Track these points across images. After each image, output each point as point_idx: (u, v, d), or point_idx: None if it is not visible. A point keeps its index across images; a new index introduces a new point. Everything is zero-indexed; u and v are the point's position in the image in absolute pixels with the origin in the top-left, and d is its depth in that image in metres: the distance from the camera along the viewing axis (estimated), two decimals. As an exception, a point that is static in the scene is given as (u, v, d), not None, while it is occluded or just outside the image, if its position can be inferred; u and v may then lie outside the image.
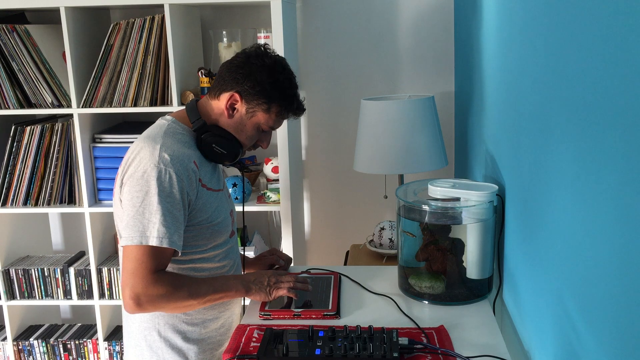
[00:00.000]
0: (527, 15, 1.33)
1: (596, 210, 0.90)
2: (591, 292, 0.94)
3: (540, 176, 1.22)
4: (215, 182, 1.59)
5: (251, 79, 1.51)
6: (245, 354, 1.33)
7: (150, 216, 1.41)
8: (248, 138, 1.58)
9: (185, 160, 1.47)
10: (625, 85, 0.77)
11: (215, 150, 1.55)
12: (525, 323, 1.40)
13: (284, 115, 1.57)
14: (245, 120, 1.55)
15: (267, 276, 1.55)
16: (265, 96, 1.52)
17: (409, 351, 1.30)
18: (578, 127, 0.97)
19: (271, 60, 1.54)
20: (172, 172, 1.42)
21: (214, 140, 1.54)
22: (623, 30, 0.77)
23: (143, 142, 1.49)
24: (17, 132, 2.46)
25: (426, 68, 2.67)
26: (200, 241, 1.54)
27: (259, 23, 2.60)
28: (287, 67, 1.57)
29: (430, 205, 1.59)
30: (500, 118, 1.64)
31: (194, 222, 1.51)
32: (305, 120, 2.76)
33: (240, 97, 1.52)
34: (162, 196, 1.41)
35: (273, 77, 1.52)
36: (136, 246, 1.40)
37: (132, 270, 1.40)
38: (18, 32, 2.39)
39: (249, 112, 1.54)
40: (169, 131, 1.52)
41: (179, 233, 1.44)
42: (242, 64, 1.53)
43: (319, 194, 2.84)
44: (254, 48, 1.57)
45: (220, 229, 1.57)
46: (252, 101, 1.52)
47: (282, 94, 1.53)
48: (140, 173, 1.43)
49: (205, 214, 1.52)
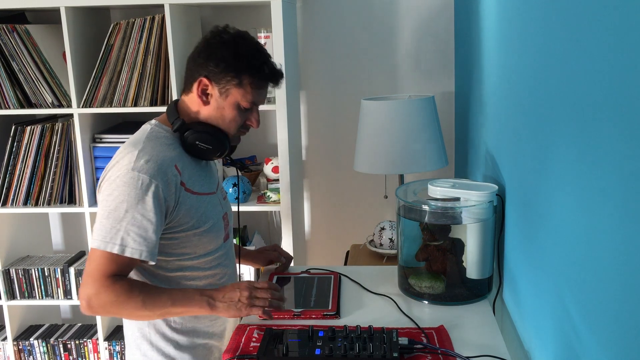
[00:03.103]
0: (527, 15, 1.33)
1: (596, 210, 0.90)
2: (591, 292, 0.94)
3: (540, 176, 1.23)
4: (205, 185, 1.53)
5: (213, 58, 1.45)
6: (245, 354, 1.33)
7: (116, 222, 1.36)
8: (232, 121, 1.50)
9: (165, 164, 1.41)
10: (626, 85, 0.77)
11: (200, 147, 1.49)
12: (525, 323, 1.40)
13: (259, 85, 1.48)
14: (222, 102, 1.48)
15: (240, 290, 1.41)
16: (232, 70, 1.45)
17: (409, 351, 1.30)
18: (578, 127, 0.97)
19: (229, 35, 1.48)
20: (146, 177, 1.37)
21: (197, 137, 1.48)
22: (623, 30, 0.77)
23: (125, 147, 1.46)
24: (17, 132, 2.46)
25: (426, 68, 2.67)
26: (188, 248, 1.48)
27: (259, 23, 2.60)
28: (248, 37, 1.50)
29: (430, 205, 1.59)
30: (500, 118, 1.64)
31: (179, 229, 1.45)
32: (305, 120, 2.76)
33: (209, 79, 1.46)
34: (132, 203, 1.36)
35: (234, 49, 1.45)
36: (98, 249, 1.37)
37: (89, 271, 1.37)
38: (18, 32, 2.40)
39: (222, 92, 1.47)
40: (152, 135, 1.48)
41: (149, 242, 1.37)
42: (202, 48, 1.49)
43: (319, 194, 2.84)
44: (211, 29, 1.51)
45: (210, 234, 1.51)
46: (221, 80, 1.46)
47: (249, 63, 1.45)
48: (113, 177, 1.39)
49: (191, 219, 1.46)
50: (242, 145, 2.78)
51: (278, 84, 1.52)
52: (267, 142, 2.78)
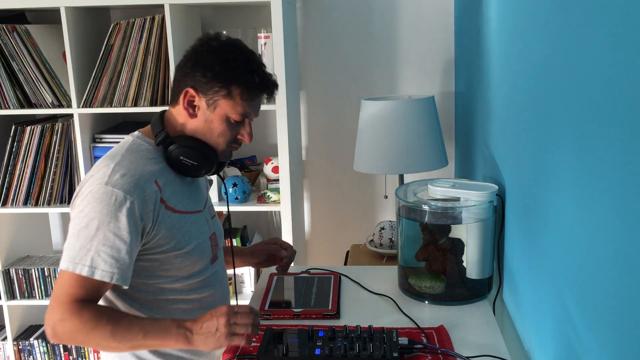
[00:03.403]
0: (527, 15, 1.33)
1: (596, 209, 0.90)
2: (591, 291, 0.94)
3: (540, 176, 1.23)
4: (190, 203, 1.43)
5: (200, 67, 1.35)
6: (245, 354, 1.33)
7: (86, 242, 1.26)
8: (221, 135, 1.39)
9: (143, 179, 1.31)
10: (626, 85, 0.77)
11: (184, 163, 1.38)
12: (525, 323, 1.40)
13: (250, 96, 1.37)
14: (209, 115, 1.37)
15: (217, 318, 1.26)
16: (220, 80, 1.34)
17: (409, 351, 1.30)
18: (578, 127, 0.97)
19: (218, 42, 1.37)
20: (121, 193, 1.27)
21: (181, 152, 1.37)
22: (623, 30, 0.77)
23: (102, 160, 1.37)
24: (17, 132, 2.46)
25: (426, 68, 2.67)
26: (169, 271, 1.38)
27: (259, 23, 2.60)
28: (239, 45, 1.39)
29: (430, 205, 1.59)
30: (500, 118, 1.64)
31: (158, 250, 1.35)
32: (305, 120, 2.76)
33: (195, 90, 1.36)
34: (104, 220, 1.25)
35: (223, 57, 1.35)
36: (67, 271, 1.26)
37: (56, 295, 1.26)
38: (18, 32, 2.40)
39: (210, 104, 1.36)
40: (132, 148, 1.38)
41: (121, 264, 1.26)
42: (189, 56, 1.39)
43: (319, 194, 2.84)
44: (200, 37, 1.41)
45: (194, 256, 1.40)
46: (209, 91, 1.35)
47: (238, 72, 1.35)
48: (85, 192, 1.29)
49: (172, 240, 1.35)
50: (243, 145, 2.78)
51: (272, 95, 1.42)
52: (267, 142, 2.78)
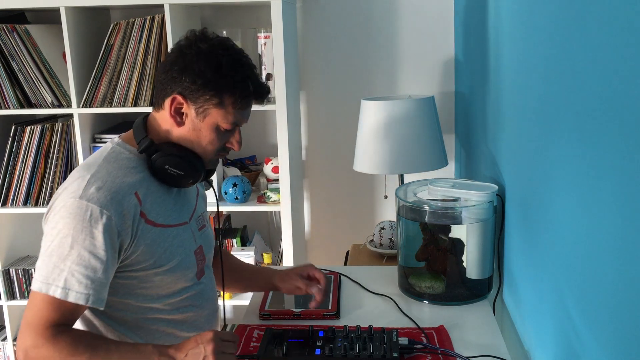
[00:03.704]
0: (527, 15, 1.33)
1: (596, 209, 0.90)
2: (591, 291, 0.94)
3: (540, 176, 1.23)
4: (173, 215, 1.34)
5: (189, 72, 1.24)
6: (245, 354, 1.33)
7: (59, 261, 1.17)
8: (209, 144, 1.31)
9: (121, 192, 1.22)
10: (626, 85, 0.77)
11: (169, 172, 1.29)
12: (525, 323, 1.40)
13: (243, 105, 1.28)
14: (198, 124, 1.28)
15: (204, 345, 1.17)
16: (211, 88, 1.24)
17: (409, 351, 1.30)
18: (578, 127, 0.97)
19: (208, 44, 1.26)
20: (97, 209, 1.18)
21: (166, 160, 1.28)
22: (622, 30, 0.77)
23: (78, 170, 1.27)
24: (17, 132, 2.46)
25: (426, 68, 2.67)
26: (149, 289, 1.30)
27: (259, 23, 2.60)
28: (230, 46, 1.28)
29: (430, 205, 1.59)
30: (500, 118, 1.64)
31: (137, 267, 1.26)
32: (305, 120, 2.76)
33: (184, 97, 1.25)
34: (79, 237, 1.17)
35: (214, 62, 1.24)
36: (39, 292, 1.17)
37: (28, 319, 1.18)
38: (18, 32, 2.39)
39: (200, 112, 1.27)
40: (111, 156, 1.28)
41: (97, 285, 1.18)
42: (175, 58, 1.26)
43: (319, 194, 2.84)
44: (186, 36, 1.29)
45: (176, 273, 1.32)
46: (199, 99, 1.25)
47: (231, 79, 1.25)
48: (59, 207, 1.20)
49: (151, 256, 1.27)
50: (243, 145, 2.78)
51: (263, 101, 1.34)
52: (267, 142, 2.78)
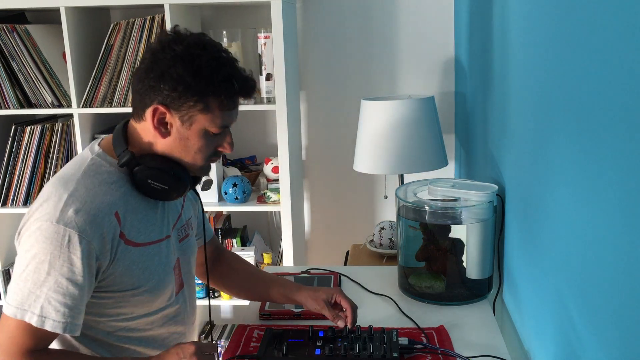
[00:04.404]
0: (527, 15, 1.33)
1: (596, 209, 0.90)
2: (591, 291, 0.94)
3: (540, 176, 1.23)
4: (155, 230, 1.27)
5: (167, 79, 1.14)
6: (245, 354, 1.33)
7: (35, 287, 1.11)
8: (199, 152, 1.22)
9: (101, 214, 1.15)
10: (625, 85, 0.77)
11: (153, 187, 1.22)
12: (525, 323, 1.40)
13: (230, 105, 1.20)
14: (185, 132, 1.19)
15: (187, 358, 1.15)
16: (193, 94, 1.15)
17: (409, 351, 1.30)
18: (578, 127, 0.97)
19: (183, 45, 1.16)
20: (74, 234, 1.11)
21: (149, 174, 1.20)
22: (622, 30, 0.77)
23: (54, 184, 1.19)
24: (17, 132, 2.46)
25: (426, 68, 2.67)
26: (125, 308, 1.24)
27: (259, 23, 2.60)
28: (207, 44, 1.18)
29: (430, 205, 1.59)
30: (500, 118, 1.64)
31: (114, 288, 1.20)
32: (305, 120, 2.76)
33: (166, 107, 1.17)
34: (56, 264, 1.11)
35: (192, 65, 1.14)
36: (14, 318, 1.12)
37: (1, 344, 1.13)
38: (18, 32, 2.39)
39: (185, 120, 1.18)
40: (90, 170, 1.20)
41: (74, 312, 1.13)
42: (150, 64, 1.17)
43: (319, 194, 2.84)
44: (158, 38, 1.19)
45: (154, 293, 1.25)
46: (182, 106, 1.16)
47: (213, 81, 1.16)
48: (34, 228, 1.14)
49: (129, 277, 1.21)
50: (242, 146, 2.78)
51: (251, 96, 1.23)
52: (267, 142, 2.78)
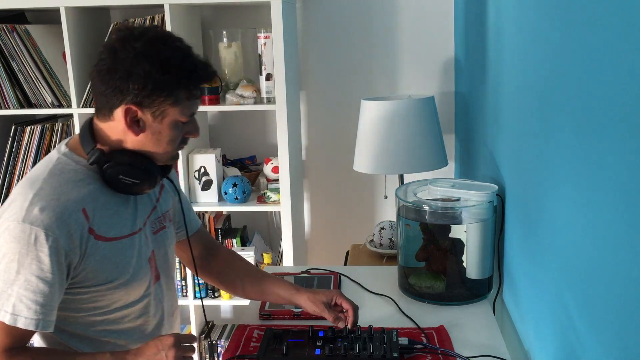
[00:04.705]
0: (527, 15, 1.33)
1: (596, 209, 0.90)
2: (591, 291, 0.94)
3: (540, 176, 1.23)
4: (127, 224, 1.28)
5: (134, 78, 1.15)
6: (245, 354, 1.33)
7: (6, 286, 1.13)
8: (171, 142, 1.25)
9: (67, 211, 1.16)
10: (625, 85, 0.77)
11: (124, 182, 1.23)
12: (525, 323, 1.40)
13: (197, 93, 1.23)
14: (157, 126, 1.21)
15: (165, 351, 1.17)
16: (163, 89, 1.17)
17: (409, 351, 1.30)
18: (578, 127, 0.97)
19: (143, 41, 1.16)
20: (41, 232, 1.12)
21: (119, 170, 1.22)
22: (622, 30, 0.77)
23: (21, 186, 1.20)
24: (17, 132, 2.46)
25: (426, 68, 2.67)
26: (101, 302, 1.25)
27: (259, 23, 2.60)
28: (166, 37, 1.20)
29: (430, 205, 1.59)
30: (500, 118, 1.64)
31: (86, 284, 1.21)
32: (305, 120, 2.76)
33: (137, 105, 1.18)
34: (25, 262, 1.12)
35: (158, 60, 1.16)
36: None
37: None
38: (18, 32, 2.39)
39: (157, 115, 1.20)
40: (56, 170, 1.21)
41: (46, 309, 1.15)
42: (112, 65, 1.17)
43: (319, 194, 2.84)
44: (115, 37, 1.20)
45: (129, 286, 1.27)
46: (153, 102, 1.18)
47: (181, 73, 1.17)
48: (2, 230, 1.14)
49: (102, 272, 1.22)
50: (242, 146, 2.78)
51: (213, 80, 1.26)
52: (267, 142, 2.78)
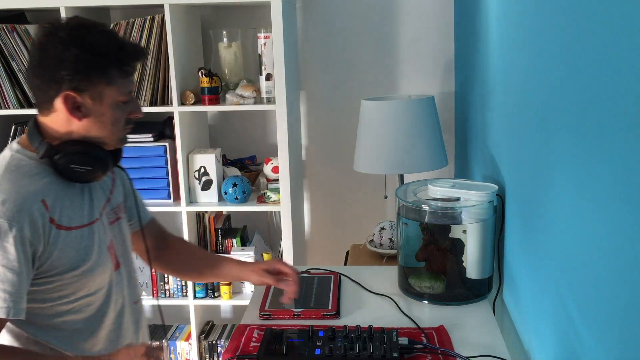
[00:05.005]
0: (527, 15, 1.33)
1: (596, 209, 0.90)
2: (591, 291, 0.94)
3: (540, 176, 1.23)
4: (84, 214, 1.31)
5: (66, 65, 1.20)
6: (245, 354, 1.33)
7: None
8: (115, 123, 1.28)
9: (28, 201, 1.20)
10: (625, 84, 0.77)
11: (77, 170, 1.27)
12: (525, 323, 1.40)
13: (129, 70, 1.28)
14: (99, 108, 1.25)
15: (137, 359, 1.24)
16: (96, 70, 1.22)
17: (409, 351, 1.30)
18: (578, 126, 0.97)
19: (67, 29, 1.22)
20: (4, 222, 1.17)
21: (69, 160, 1.25)
22: (622, 29, 0.77)
23: None
24: (17, 132, 2.46)
25: (426, 68, 2.67)
26: (66, 290, 1.28)
27: (259, 23, 2.60)
28: (89, 23, 1.26)
29: (430, 205, 1.59)
30: (500, 118, 1.64)
31: (52, 272, 1.24)
32: (305, 120, 2.76)
33: (75, 90, 1.22)
34: None
35: (85, 44, 1.21)
36: None
37: None
38: (18, 32, 2.39)
39: (96, 97, 1.24)
40: (11, 166, 1.25)
41: (15, 297, 1.18)
42: (41, 59, 1.23)
43: (319, 194, 2.84)
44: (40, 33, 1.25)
45: (93, 273, 1.30)
46: (89, 85, 1.22)
47: (110, 52, 1.23)
48: None
49: (67, 260, 1.25)
50: (242, 146, 2.78)
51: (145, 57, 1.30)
52: (267, 142, 2.78)
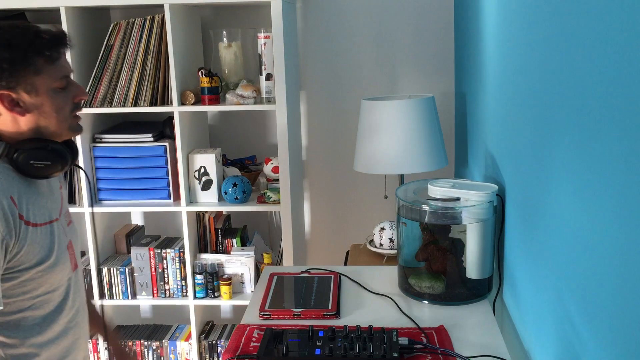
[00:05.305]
0: (527, 15, 1.33)
1: (596, 209, 0.90)
2: (592, 291, 0.94)
3: (540, 176, 1.23)
4: (47, 213, 1.34)
5: None
6: (245, 354, 1.33)
7: None
8: (61, 110, 1.30)
9: None
10: (625, 84, 0.77)
11: (37, 166, 1.29)
12: (525, 323, 1.40)
13: (54, 55, 1.27)
14: (36, 100, 1.27)
15: None
16: (19, 62, 1.23)
17: (409, 351, 1.30)
18: (578, 127, 0.97)
19: None
20: None
21: (29, 156, 1.28)
22: (622, 29, 0.77)
23: None
24: None
25: (426, 68, 2.67)
26: (29, 286, 1.30)
27: (259, 23, 2.60)
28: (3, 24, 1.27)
29: (430, 205, 1.59)
30: (500, 118, 1.64)
31: (19, 268, 1.27)
32: (305, 120, 2.76)
33: (7, 89, 1.24)
34: None
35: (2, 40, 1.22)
36: None
37: None
38: (18, 32, 2.39)
39: (30, 90, 1.26)
40: None
41: None
42: None
43: (319, 194, 2.84)
44: None
45: (55, 269, 1.33)
46: (18, 79, 1.24)
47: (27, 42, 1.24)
48: None
49: (34, 256, 1.28)
50: (242, 146, 2.78)
51: (67, 42, 1.31)
52: (267, 142, 2.78)
